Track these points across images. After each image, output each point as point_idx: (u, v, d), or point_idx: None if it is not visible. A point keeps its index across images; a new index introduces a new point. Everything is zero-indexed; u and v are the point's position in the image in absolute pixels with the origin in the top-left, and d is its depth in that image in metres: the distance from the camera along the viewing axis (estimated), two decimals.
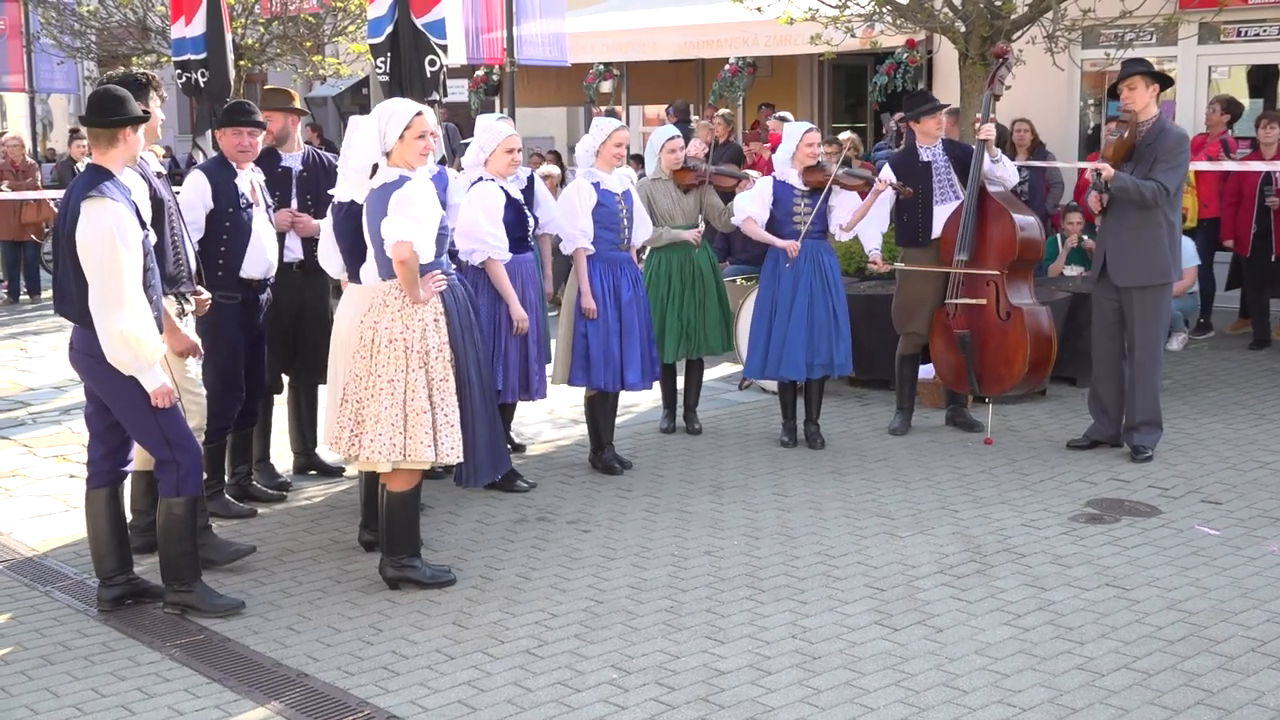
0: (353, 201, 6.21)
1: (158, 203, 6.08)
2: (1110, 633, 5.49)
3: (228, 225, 6.86)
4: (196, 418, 6.39)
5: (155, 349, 5.46)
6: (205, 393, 6.55)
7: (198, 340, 6.24)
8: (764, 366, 8.48)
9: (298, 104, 7.75)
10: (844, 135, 13.11)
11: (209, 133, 12.21)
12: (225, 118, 7.01)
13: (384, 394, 5.82)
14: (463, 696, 5.03)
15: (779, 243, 8.34)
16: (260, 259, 7.00)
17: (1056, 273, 11.24)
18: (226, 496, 7.25)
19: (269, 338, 7.36)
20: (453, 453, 5.89)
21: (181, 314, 6.18)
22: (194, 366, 6.40)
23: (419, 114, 5.92)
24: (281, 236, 7.43)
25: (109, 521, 5.87)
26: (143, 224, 5.56)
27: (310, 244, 7.41)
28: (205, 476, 7.04)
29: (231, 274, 6.90)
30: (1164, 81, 8.07)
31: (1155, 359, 8.00)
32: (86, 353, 5.54)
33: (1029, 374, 8.32)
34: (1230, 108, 12.34)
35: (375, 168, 5.95)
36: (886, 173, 8.57)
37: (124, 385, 5.52)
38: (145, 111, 5.69)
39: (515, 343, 7.45)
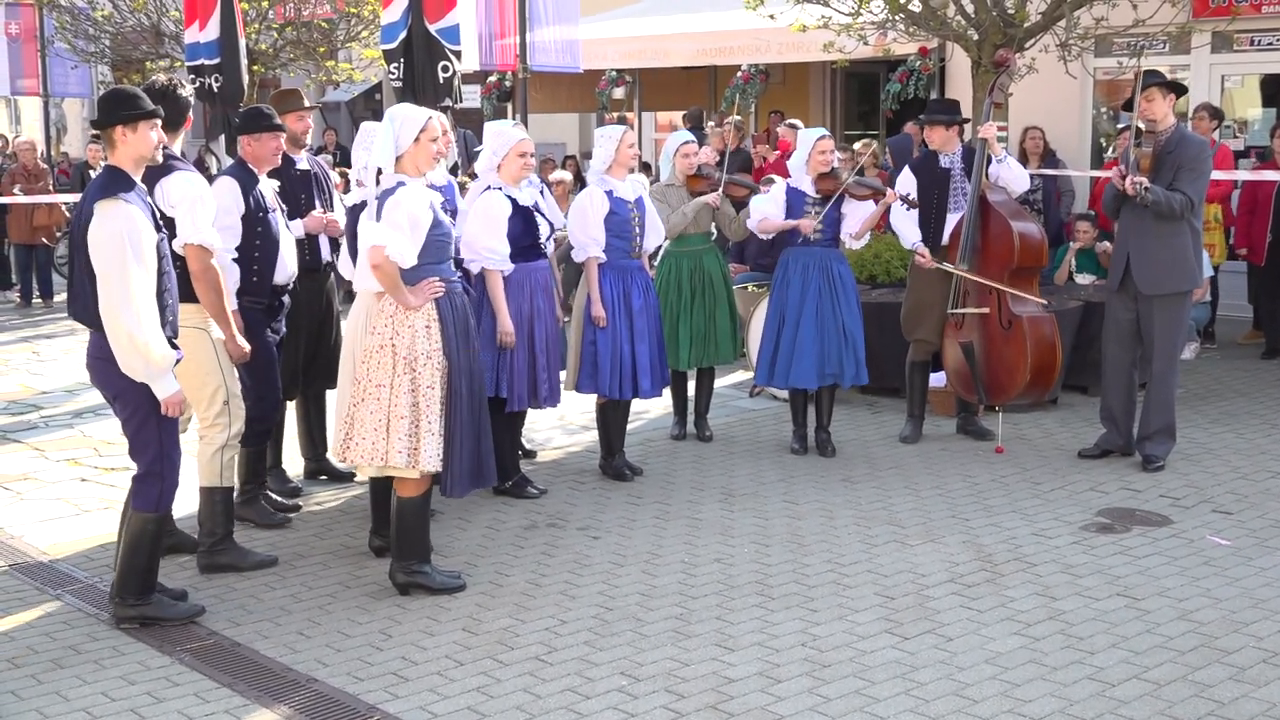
0: (361, 204, 6.24)
1: None
2: (1121, 643, 5.47)
3: (259, 231, 6.87)
4: (240, 422, 6.42)
5: (165, 355, 5.44)
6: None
7: (249, 347, 6.31)
8: (774, 374, 8.48)
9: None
10: (860, 144, 13.10)
11: (221, 137, 12.25)
12: (254, 124, 6.96)
13: (372, 399, 5.86)
14: (472, 703, 5.03)
15: (793, 222, 8.33)
16: (287, 264, 7.03)
17: (1061, 280, 11.22)
18: (263, 502, 7.26)
19: (286, 342, 7.38)
20: (431, 461, 5.87)
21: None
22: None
23: (431, 118, 5.95)
24: (314, 239, 7.46)
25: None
26: (158, 227, 5.55)
27: (337, 245, 7.48)
28: (241, 480, 7.10)
29: (265, 280, 6.91)
30: (1179, 90, 8.08)
31: (1172, 369, 7.99)
32: (99, 356, 5.53)
33: (1031, 383, 8.30)
34: (1215, 115, 12.33)
35: (379, 172, 5.96)
36: (904, 179, 8.57)
37: (134, 391, 5.51)
38: (150, 110, 5.56)
39: (523, 351, 7.43)
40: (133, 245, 5.33)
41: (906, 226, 8.59)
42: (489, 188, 7.37)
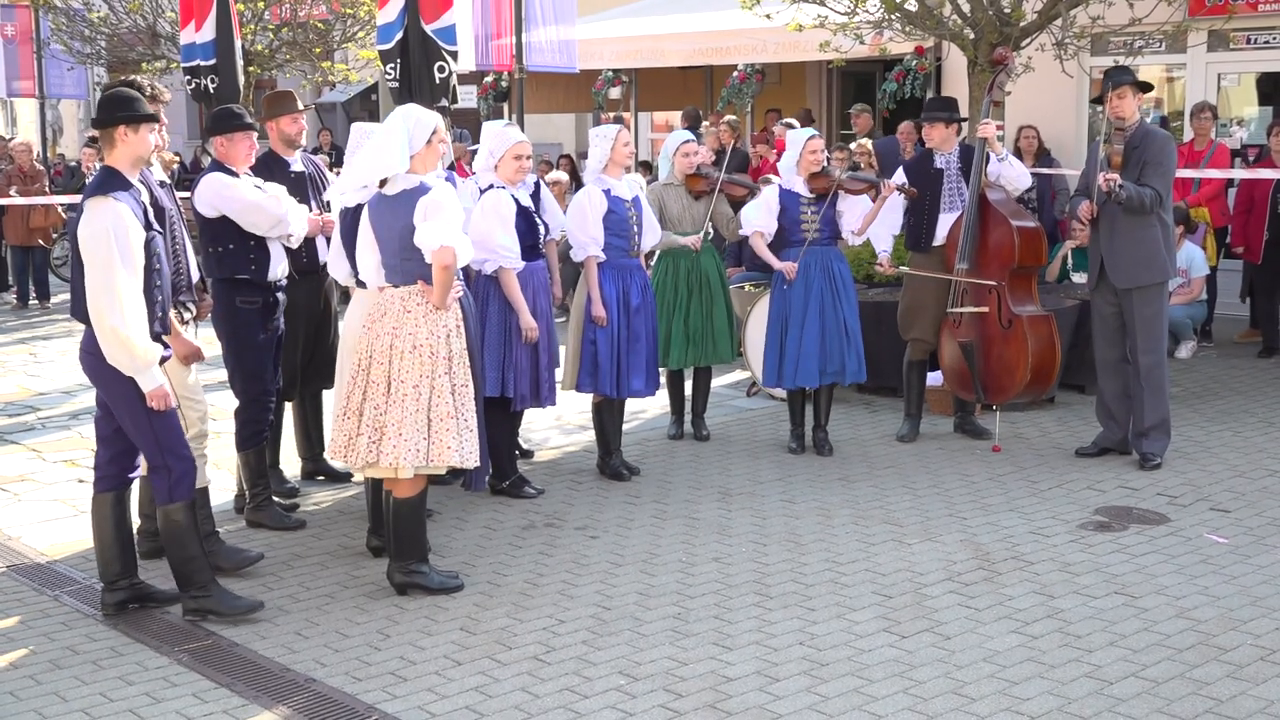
0: (361, 206, 6.25)
1: (159, 211, 6.09)
2: (1118, 641, 5.48)
3: None
4: (197, 425, 6.40)
5: (149, 349, 5.49)
6: (205, 400, 6.57)
7: (199, 345, 6.27)
8: (779, 375, 8.47)
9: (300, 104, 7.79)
10: (856, 144, 13.09)
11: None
12: (225, 124, 6.94)
13: (408, 400, 5.85)
14: (470, 702, 5.03)
15: (777, 264, 8.36)
16: (280, 260, 7.03)
17: (1052, 277, 11.23)
18: (277, 508, 7.26)
19: (284, 343, 7.37)
20: (471, 456, 5.95)
21: (183, 322, 6.19)
22: (194, 373, 6.43)
23: (439, 120, 6.02)
24: (311, 240, 7.44)
25: (114, 526, 5.89)
26: (148, 225, 5.58)
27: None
28: (248, 484, 7.09)
29: (262, 276, 6.92)
30: (1146, 89, 8.20)
31: (1160, 361, 8.00)
32: (90, 351, 5.59)
33: (1032, 382, 8.31)
34: (1217, 113, 12.35)
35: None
36: (897, 178, 8.57)
37: (123, 386, 5.56)
38: (151, 114, 5.66)
39: (526, 351, 7.44)
40: (119, 242, 5.39)
41: (881, 233, 8.60)
42: (491, 186, 7.38)
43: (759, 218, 8.44)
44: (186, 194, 7.13)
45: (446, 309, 5.89)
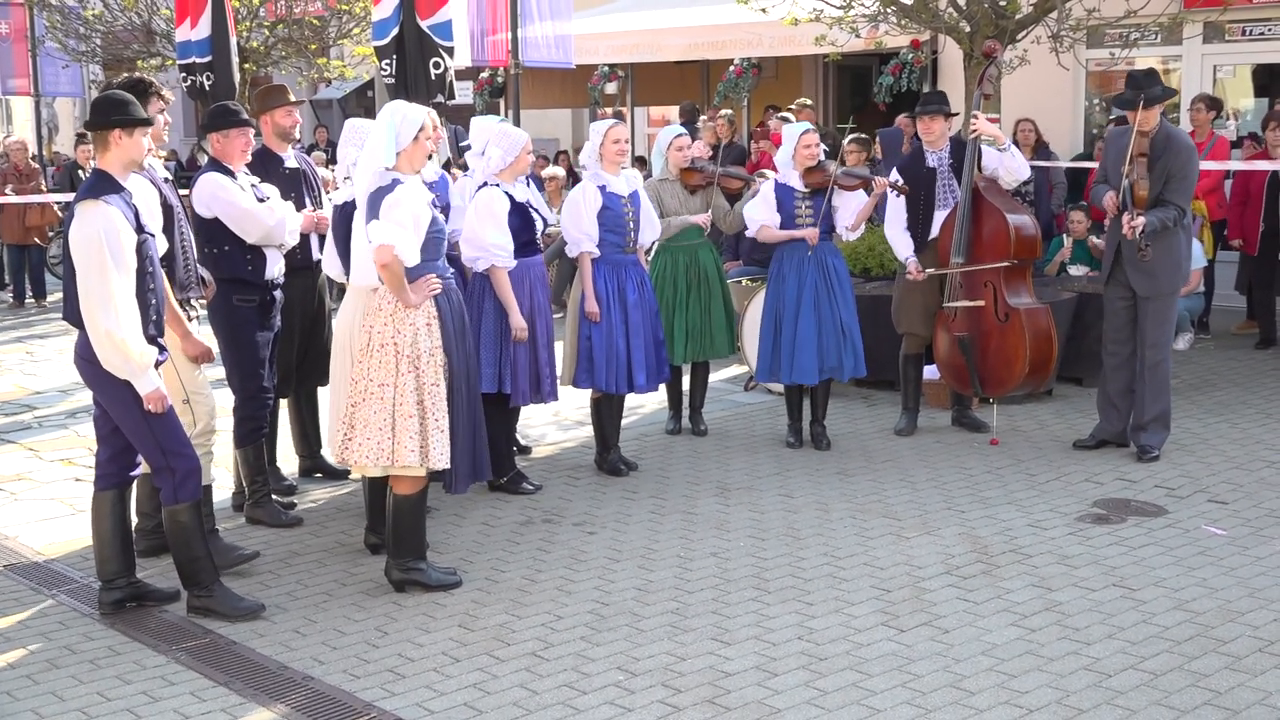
0: (351, 202, 6.26)
1: (166, 209, 6.10)
2: (1117, 633, 5.48)
3: None
4: (205, 419, 6.41)
5: (144, 352, 5.48)
6: (213, 396, 6.56)
7: (210, 345, 6.27)
8: (774, 370, 8.47)
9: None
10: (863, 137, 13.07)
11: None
12: (222, 120, 6.93)
13: (374, 398, 5.84)
14: (469, 699, 5.03)
15: (799, 233, 8.30)
16: (277, 259, 7.03)
17: (1053, 271, 11.23)
18: (275, 504, 7.25)
19: (279, 340, 7.37)
20: (441, 458, 5.88)
21: (189, 319, 6.20)
22: (202, 370, 6.43)
23: (427, 117, 5.99)
24: (305, 237, 7.43)
25: (113, 524, 5.88)
26: (141, 228, 5.57)
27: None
28: (247, 481, 7.10)
29: (259, 276, 6.92)
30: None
31: (1166, 357, 8.02)
32: (85, 358, 5.57)
33: (1030, 375, 8.30)
34: (1214, 105, 12.32)
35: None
36: (892, 179, 8.55)
37: (119, 390, 5.54)
38: (145, 118, 5.66)
39: (524, 346, 7.44)
40: (110, 246, 5.38)
41: (899, 239, 8.58)
42: (485, 184, 7.36)
43: (761, 213, 8.41)
44: (185, 191, 7.13)
45: (414, 307, 5.85)
